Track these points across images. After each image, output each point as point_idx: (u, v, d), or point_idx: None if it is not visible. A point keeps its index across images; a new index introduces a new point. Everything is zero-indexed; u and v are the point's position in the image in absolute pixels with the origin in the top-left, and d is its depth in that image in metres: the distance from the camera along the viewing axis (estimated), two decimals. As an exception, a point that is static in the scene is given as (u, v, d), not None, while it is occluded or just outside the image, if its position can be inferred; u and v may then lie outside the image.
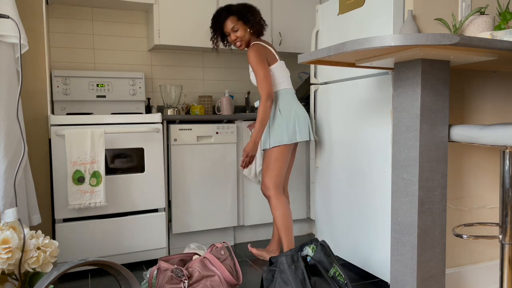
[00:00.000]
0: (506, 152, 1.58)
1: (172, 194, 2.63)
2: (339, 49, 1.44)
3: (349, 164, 2.35)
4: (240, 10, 2.33)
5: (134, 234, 2.48)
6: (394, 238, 1.71)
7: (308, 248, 1.90)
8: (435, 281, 1.65)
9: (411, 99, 1.60)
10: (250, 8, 2.36)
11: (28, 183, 2.08)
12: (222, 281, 1.81)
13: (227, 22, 2.33)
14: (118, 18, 3.09)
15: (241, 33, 2.33)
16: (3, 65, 1.83)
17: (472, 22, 1.84)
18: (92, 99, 2.91)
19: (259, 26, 2.38)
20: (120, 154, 2.45)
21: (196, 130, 2.67)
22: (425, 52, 1.42)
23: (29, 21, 2.24)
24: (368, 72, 2.17)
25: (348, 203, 2.37)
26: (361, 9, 2.19)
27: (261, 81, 2.25)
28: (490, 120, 2.06)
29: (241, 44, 2.36)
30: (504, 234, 1.64)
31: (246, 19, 2.33)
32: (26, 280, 1.51)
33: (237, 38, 2.34)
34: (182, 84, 3.31)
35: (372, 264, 2.21)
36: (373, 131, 2.15)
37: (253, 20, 2.34)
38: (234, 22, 2.32)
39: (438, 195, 1.64)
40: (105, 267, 1.39)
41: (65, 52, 2.96)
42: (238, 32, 2.33)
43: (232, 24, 2.32)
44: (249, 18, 2.33)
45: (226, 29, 2.35)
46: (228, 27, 2.34)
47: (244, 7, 2.35)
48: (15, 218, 1.51)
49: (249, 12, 2.34)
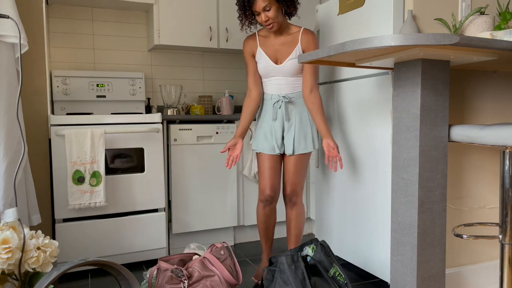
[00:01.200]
0: (506, 152, 1.58)
1: (172, 194, 2.63)
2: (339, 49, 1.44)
3: (349, 164, 2.35)
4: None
5: (134, 234, 2.48)
6: (394, 238, 1.71)
7: (308, 248, 1.90)
8: (435, 281, 1.65)
9: (411, 99, 1.60)
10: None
11: (28, 183, 2.08)
12: (222, 281, 1.81)
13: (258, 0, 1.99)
14: (118, 18, 3.09)
15: (273, 13, 2.00)
16: (3, 65, 1.83)
17: (472, 22, 1.84)
18: (92, 99, 2.91)
19: (293, 6, 2.08)
20: (120, 154, 2.45)
21: (196, 130, 2.67)
22: (425, 52, 1.42)
23: (29, 21, 2.23)
24: (368, 72, 2.17)
25: (348, 203, 2.37)
26: (361, 9, 2.19)
27: (317, 71, 2.12)
28: (490, 120, 2.06)
29: (272, 25, 2.04)
30: (504, 234, 1.64)
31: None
32: (26, 280, 1.51)
33: (269, 19, 2.02)
34: (182, 84, 3.31)
35: (372, 264, 2.21)
36: (373, 131, 2.15)
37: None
38: (267, 0, 1.99)
39: (438, 195, 1.64)
40: (105, 267, 1.39)
41: (65, 52, 2.96)
42: (270, 12, 2.00)
43: (264, 3, 1.98)
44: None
45: (257, 8, 2.01)
46: (259, 5, 1.99)
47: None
48: (15, 218, 1.51)
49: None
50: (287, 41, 2.12)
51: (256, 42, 2.17)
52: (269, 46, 2.14)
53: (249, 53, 2.19)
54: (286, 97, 2.14)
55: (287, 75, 2.13)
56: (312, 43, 2.11)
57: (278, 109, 2.16)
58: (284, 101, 2.13)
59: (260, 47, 2.15)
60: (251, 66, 2.20)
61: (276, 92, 2.16)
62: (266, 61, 2.14)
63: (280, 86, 2.15)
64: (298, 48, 2.11)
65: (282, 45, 2.13)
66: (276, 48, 2.13)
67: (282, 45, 2.13)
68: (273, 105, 2.16)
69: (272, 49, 2.14)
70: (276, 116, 2.16)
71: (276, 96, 2.16)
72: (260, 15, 2.03)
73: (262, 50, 2.15)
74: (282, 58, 2.13)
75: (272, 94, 2.17)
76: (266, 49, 2.15)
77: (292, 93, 2.16)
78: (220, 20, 3.06)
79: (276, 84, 2.16)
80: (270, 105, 2.17)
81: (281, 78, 2.14)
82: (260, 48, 2.15)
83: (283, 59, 2.13)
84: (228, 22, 3.08)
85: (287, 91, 2.15)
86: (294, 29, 2.14)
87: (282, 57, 2.13)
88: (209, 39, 3.04)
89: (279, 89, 2.15)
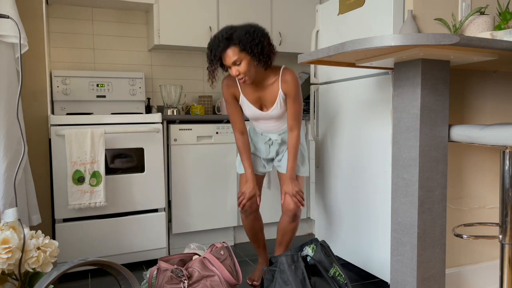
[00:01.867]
0: (506, 152, 1.58)
1: (172, 194, 2.63)
2: (339, 49, 1.44)
3: (349, 164, 2.35)
4: (242, 38, 1.84)
5: (134, 234, 2.48)
6: (394, 238, 1.71)
7: (308, 248, 1.90)
8: (435, 281, 1.65)
9: (411, 99, 1.60)
10: (255, 33, 1.88)
11: (28, 183, 2.08)
12: (222, 281, 1.81)
13: (227, 52, 1.86)
14: (118, 18, 3.09)
15: (244, 67, 1.87)
16: (3, 65, 1.83)
17: (472, 22, 1.84)
18: (92, 99, 2.91)
19: (267, 58, 1.92)
20: (120, 154, 2.45)
21: (196, 130, 2.67)
22: (425, 52, 1.42)
23: (29, 21, 2.23)
24: (368, 72, 2.17)
25: (348, 203, 2.37)
26: (361, 9, 2.19)
27: (301, 112, 2.05)
28: (490, 120, 2.06)
29: (244, 80, 1.91)
30: (504, 234, 1.64)
31: (251, 50, 1.86)
32: (26, 280, 1.51)
33: (240, 74, 1.89)
34: (182, 84, 3.31)
35: (372, 264, 2.21)
36: (373, 131, 2.15)
37: (260, 50, 1.87)
38: (236, 54, 1.85)
39: (438, 195, 1.64)
40: (105, 267, 1.39)
41: (65, 52, 2.96)
42: (241, 66, 1.87)
43: (234, 57, 1.86)
44: (254, 48, 1.86)
45: (226, 62, 1.89)
46: (228, 59, 1.87)
47: (247, 33, 1.86)
48: (15, 218, 1.51)
49: (254, 40, 1.86)
50: (268, 89, 2.04)
51: (237, 87, 2.08)
52: (250, 93, 2.06)
53: (231, 95, 2.09)
54: (277, 138, 2.17)
55: (274, 119, 2.12)
56: (290, 87, 1.99)
57: (270, 146, 2.21)
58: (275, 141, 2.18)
59: (242, 94, 2.07)
60: (235, 105, 2.11)
61: (266, 132, 2.19)
62: (251, 109, 2.08)
63: (269, 128, 2.16)
64: (280, 94, 2.02)
65: (264, 93, 2.05)
66: (259, 95, 2.06)
67: (263, 93, 2.05)
68: (264, 143, 2.21)
69: (254, 96, 2.06)
70: (269, 151, 2.21)
71: (267, 134, 2.20)
72: (231, 69, 1.91)
73: (244, 97, 2.07)
74: (267, 105, 2.08)
75: (263, 132, 2.20)
76: (248, 97, 2.07)
77: (280, 131, 2.17)
78: (220, 20, 3.06)
79: (265, 126, 2.16)
80: (260, 138, 2.21)
81: (268, 122, 2.14)
82: (243, 95, 2.07)
83: (269, 106, 2.08)
84: (228, 22, 3.08)
85: (275, 130, 2.17)
86: (272, 75, 2.03)
87: (267, 104, 2.08)
88: (209, 39, 3.03)
89: (268, 130, 2.17)
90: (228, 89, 2.08)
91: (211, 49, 1.91)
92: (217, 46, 1.87)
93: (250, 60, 1.88)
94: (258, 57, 1.88)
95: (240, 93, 2.08)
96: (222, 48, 1.86)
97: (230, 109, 2.12)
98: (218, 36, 1.88)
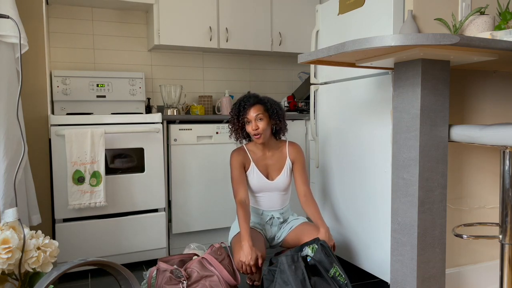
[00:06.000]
0: (506, 152, 1.58)
1: (172, 194, 2.63)
2: (339, 49, 1.44)
3: (349, 164, 2.35)
4: (269, 102, 2.16)
5: (134, 234, 2.48)
6: (394, 238, 1.71)
7: (308, 248, 1.90)
8: (435, 281, 1.65)
9: (411, 99, 1.60)
10: (279, 106, 2.19)
11: (28, 183, 2.08)
12: (221, 281, 1.81)
13: (255, 106, 2.11)
14: (118, 18, 3.09)
15: (264, 124, 2.09)
16: (3, 65, 1.83)
17: (472, 22, 1.84)
18: (92, 99, 2.91)
19: (282, 127, 2.20)
20: (120, 154, 2.45)
21: (196, 130, 2.67)
22: (425, 52, 1.42)
23: (29, 21, 2.23)
24: (368, 72, 2.17)
25: (348, 203, 2.37)
26: (361, 9, 2.19)
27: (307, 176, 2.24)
28: (490, 120, 2.06)
29: (260, 136, 2.11)
30: (504, 234, 1.64)
31: (273, 112, 2.13)
32: (26, 280, 1.51)
33: (259, 129, 2.09)
34: (182, 84, 3.31)
35: (372, 264, 2.21)
36: (373, 131, 2.15)
37: (280, 117, 2.16)
38: (261, 111, 2.10)
39: (438, 195, 1.64)
40: (105, 267, 1.39)
41: (65, 52, 2.96)
42: (261, 123, 2.09)
43: (258, 112, 2.09)
44: (277, 112, 2.15)
45: (249, 115, 2.10)
46: (253, 113, 2.10)
47: (274, 101, 2.18)
48: (15, 218, 1.51)
49: (278, 107, 2.17)
50: (276, 156, 2.22)
51: (248, 156, 2.20)
52: (259, 161, 2.20)
53: (241, 163, 2.17)
54: (279, 216, 2.21)
55: (279, 190, 2.21)
56: (299, 154, 2.22)
57: (270, 226, 2.23)
58: (276, 219, 2.21)
59: (253, 162, 2.19)
60: (241, 174, 2.16)
61: (268, 208, 2.21)
62: (259, 177, 2.18)
63: (272, 203, 2.21)
64: (288, 162, 2.21)
65: (272, 160, 2.21)
66: (267, 163, 2.21)
67: (272, 160, 2.21)
68: (266, 222, 2.22)
69: (262, 164, 2.20)
70: (271, 232, 2.23)
71: (268, 213, 2.22)
72: (251, 123, 2.10)
73: (255, 166, 2.19)
74: (274, 173, 2.21)
75: (264, 210, 2.22)
76: (258, 165, 2.20)
77: (282, 208, 2.23)
78: (220, 20, 3.06)
79: (268, 200, 2.21)
80: (260, 219, 2.23)
81: (272, 194, 2.21)
82: (253, 163, 2.19)
83: (274, 175, 2.21)
84: (228, 22, 3.08)
85: (278, 206, 2.22)
86: (280, 145, 2.24)
87: (274, 173, 2.21)
88: (209, 39, 3.04)
89: (271, 205, 2.21)
90: (238, 156, 2.18)
91: (239, 103, 2.15)
92: (247, 100, 2.13)
93: (269, 123, 2.13)
94: (276, 121, 2.15)
95: (250, 162, 2.19)
96: (251, 102, 2.11)
97: (236, 176, 2.16)
98: (247, 95, 2.17)
